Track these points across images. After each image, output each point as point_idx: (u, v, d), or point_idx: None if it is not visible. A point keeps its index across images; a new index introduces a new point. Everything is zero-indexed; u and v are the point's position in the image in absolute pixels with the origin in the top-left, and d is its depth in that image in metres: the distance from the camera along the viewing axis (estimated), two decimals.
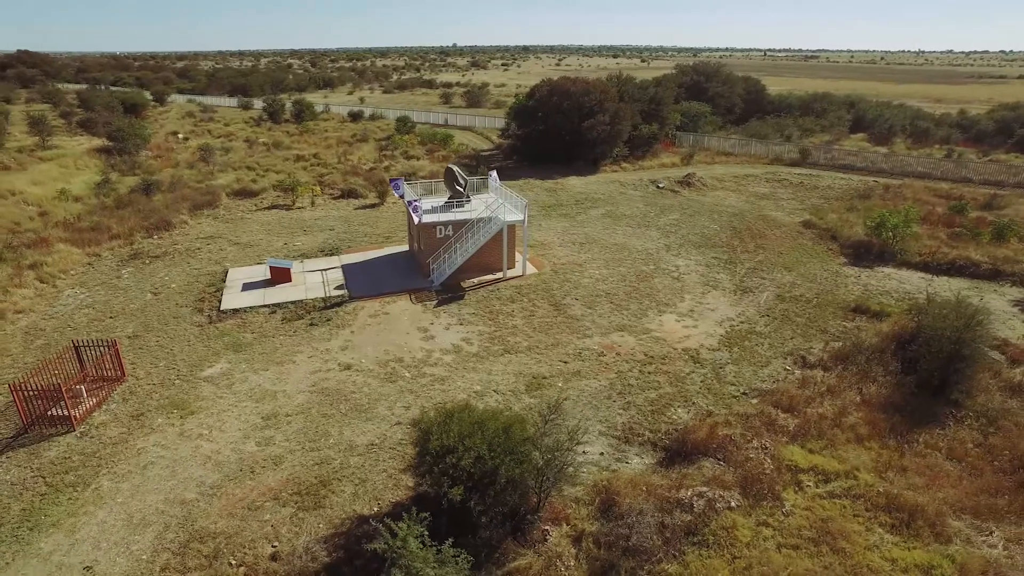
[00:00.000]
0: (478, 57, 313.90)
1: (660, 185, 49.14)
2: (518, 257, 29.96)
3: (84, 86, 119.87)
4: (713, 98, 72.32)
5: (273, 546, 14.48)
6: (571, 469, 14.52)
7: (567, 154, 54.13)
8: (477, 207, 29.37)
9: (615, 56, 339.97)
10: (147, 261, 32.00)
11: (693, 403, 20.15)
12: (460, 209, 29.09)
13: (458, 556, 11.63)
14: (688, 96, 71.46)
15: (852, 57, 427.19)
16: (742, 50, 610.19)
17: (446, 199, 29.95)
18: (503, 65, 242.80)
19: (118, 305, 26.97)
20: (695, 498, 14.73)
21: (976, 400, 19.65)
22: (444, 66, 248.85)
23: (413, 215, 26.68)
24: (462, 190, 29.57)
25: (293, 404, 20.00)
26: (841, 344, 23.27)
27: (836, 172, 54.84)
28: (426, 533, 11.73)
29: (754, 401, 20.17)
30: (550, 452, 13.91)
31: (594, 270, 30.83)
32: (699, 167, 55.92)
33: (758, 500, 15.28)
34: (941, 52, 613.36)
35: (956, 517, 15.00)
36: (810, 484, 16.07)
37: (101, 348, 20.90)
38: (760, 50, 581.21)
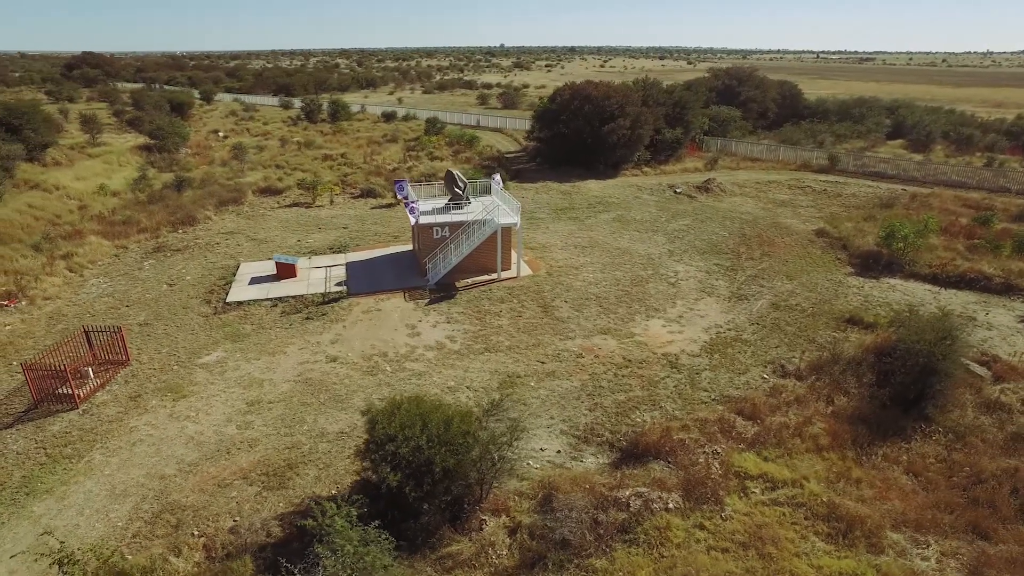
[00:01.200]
0: (523, 58, 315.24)
1: (677, 190, 49.05)
2: (515, 258, 30.64)
3: (140, 85, 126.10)
4: (745, 102, 71.38)
5: (234, 520, 15.63)
6: (509, 464, 15.18)
7: (587, 158, 54.47)
8: (475, 209, 30.19)
9: (661, 58, 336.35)
10: (168, 254, 34.01)
11: (660, 407, 20.50)
12: (458, 211, 29.98)
13: (381, 537, 12.45)
14: (719, 100, 70.74)
15: (911, 59, 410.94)
16: (794, 52, 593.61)
17: (447, 201, 30.88)
18: (547, 67, 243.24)
19: (135, 294, 28.88)
20: (633, 497, 15.19)
21: (949, 416, 19.43)
22: (488, 67, 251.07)
23: (410, 216, 27.69)
24: (461, 192, 30.45)
25: (277, 392, 21.24)
26: (819, 354, 23.17)
27: (864, 180, 53.52)
28: (354, 514, 12.59)
29: (721, 408, 20.39)
30: (484, 446, 14.59)
31: (589, 273, 31.28)
32: (722, 172, 55.45)
33: (699, 503, 15.62)
34: (1013, 53, 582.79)
35: (896, 530, 15.04)
36: (756, 491, 16.30)
37: (108, 334, 22.58)
38: (813, 52, 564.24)
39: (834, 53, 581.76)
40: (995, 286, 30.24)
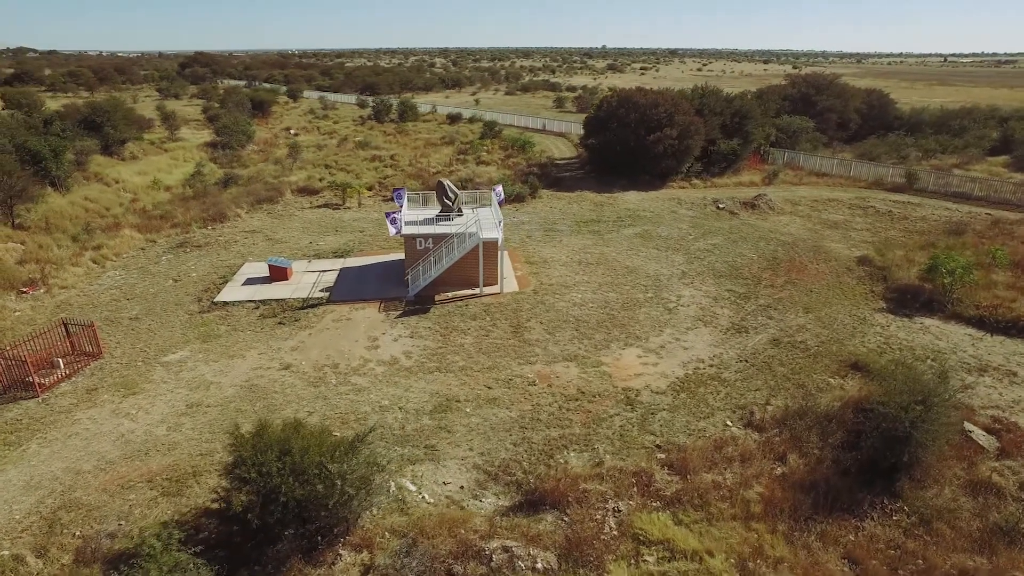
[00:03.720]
0: (619, 60, 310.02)
1: (720, 206, 46.03)
2: (503, 273, 29.67)
3: (242, 83, 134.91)
4: (822, 112, 66.04)
5: (119, 524, 15.87)
6: (360, 501, 14.44)
7: (632, 167, 52.29)
8: (464, 221, 29.49)
9: (765, 62, 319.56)
10: (188, 250, 35.76)
11: (591, 449, 18.99)
12: (445, 223, 29.42)
13: (196, 564, 12.12)
14: (792, 110, 65.89)
15: None
16: (918, 55, 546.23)
17: (438, 212, 30.41)
18: (641, 69, 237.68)
19: (140, 288, 30.50)
20: (498, 551, 14.02)
21: (922, 493, 16.68)
22: (581, 69, 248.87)
23: (390, 227, 27.45)
24: (451, 204, 29.86)
25: (219, 396, 21.58)
26: (791, 403, 20.67)
27: (944, 201, 47.89)
28: (176, 538, 12.33)
29: (661, 456, 18.60)
30: (335, 481, 13.91)
31: (579, 293, 29.77)
32: (780, 188, 51.56)
33: (577, 567, 14.21)
34: None
35: None
36: (650, 559, 14.62)
37: (83, 327, 23.86)
38: (940, 55, 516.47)
39: (966, 56, 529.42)
40: None
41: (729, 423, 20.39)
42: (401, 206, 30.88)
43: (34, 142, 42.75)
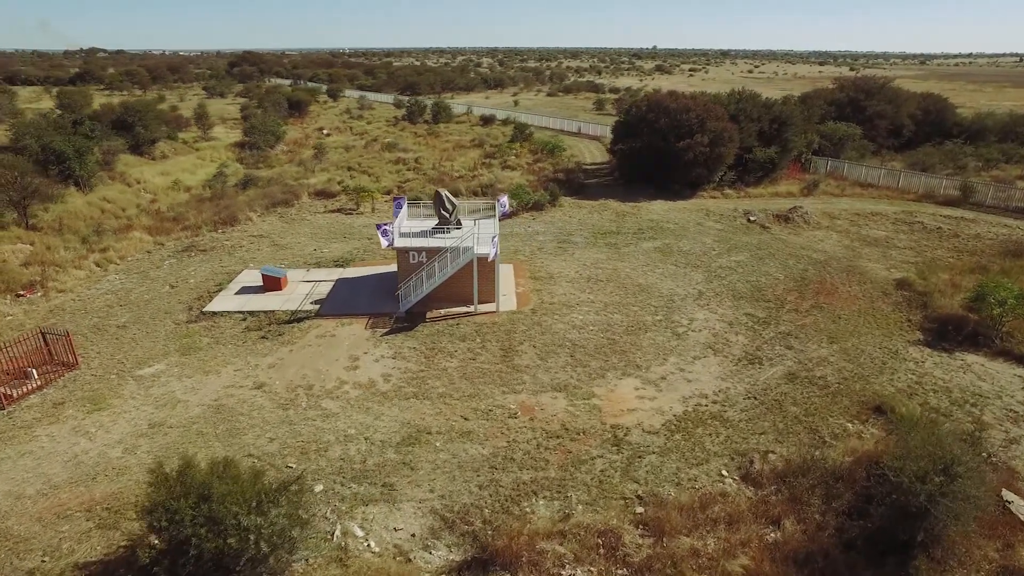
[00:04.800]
0: (669, 61, 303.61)
1: (751, 218, 43.23)
2: (499, 290, 28.02)
3: (288, 81, 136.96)
4: (871, 118, 61.92)
5: (42, 560, 14.96)
6: (279, 559, 13.02)
7: (661, 175, 49.86)
8: (462, 235, 27.95)
9: (822, 63, 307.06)
10: (193, 254, 35.35)
11: (564, 497, 17.17)
12: (441, 235, 27.94)
13: None
14: (839, 115, 62.01)
15: None
16: (990, 55, 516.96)
17: (435, 224, 28.97)
18: (690, 71, 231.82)
19: (136, 295, 30.08)
20: None
21: None
22: (629, 69, 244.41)
23: (382, 239, 26.14)
24: (448, 215, 28.37)
25: (184, 416, 20.63)
26: (796, 454, 18.34)
27: (1003, 217, 43.83)
28: None
29: (640, 509, 16.65)
30: (247, 534, 12.53)
31: (582, 314, 27.84)
32: (820, 199, 48.29)
33: None
34: None
35: None
36: None
37: (59, 337, 23.34)
38: (1017, 54, 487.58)
39: None
40: None
41: (724, 472, 18.24)
42: (398, 216, 29.50)
43: (59, 142, 43.35)
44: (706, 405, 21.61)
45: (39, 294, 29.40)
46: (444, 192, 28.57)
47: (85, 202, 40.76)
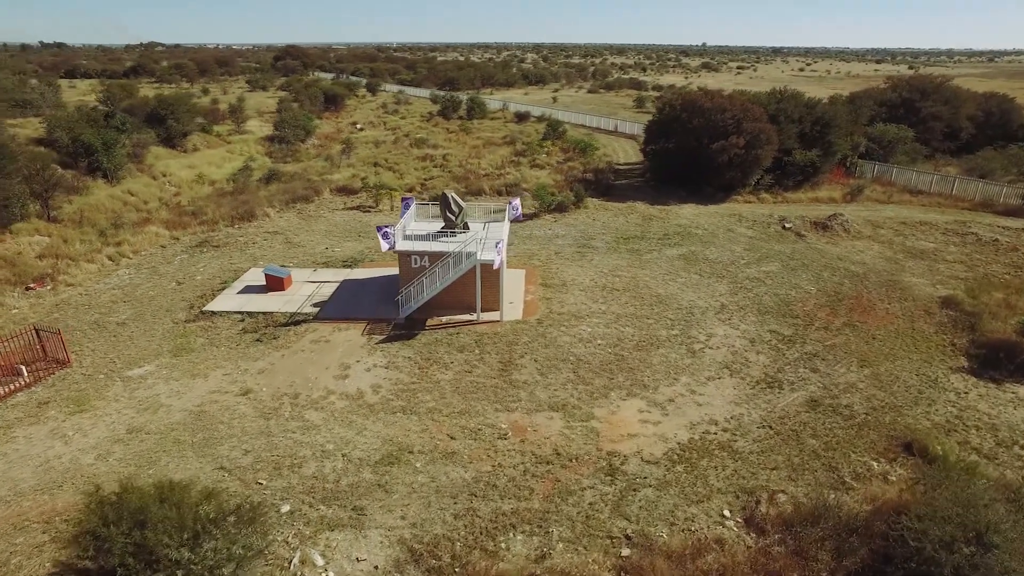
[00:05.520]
0: (717, 58, 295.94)
1: (787, 225, 40.72)
2: (515, 297, 26.65)
3: (331, 75, 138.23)
4: (926, 120, 58.06)
5: None
6: None
7: (694, 178, 47.66)
8: (467, 239, 26.66)
9: (878, 62, 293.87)
10: (206, 250, 35.07)
11: (545, 532, 15.75)
12: (445, 239, 26.71)
13: None
14: (889, 116, 58.35)
15: None
16: None
17: (441, 227, 27.77)
18: (738, 69, 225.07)
19: (142, 291, 29.83)
20: None
21: None
22: (675, 67, 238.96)
23: (382, 242, 25.08)
24: (454, 218, 27.12)
25: (165, 422, 19.97)
26: (808, 496, 16.44)
27: None
28: None
29: (625, 552, 15.10)
30: (175, 570, 11.53)
31: (591, 326, 26.23)
32: (864, 206, 45.35)
33: None
34: None
35: None
36: None
37: (52, 335, 23.04)
38: None
39: None
40: None
41: (727, 513, 16.51)
42: (404, 217, 28.44)
43: (88, 135, 43.86)
44: (715, 433, 19.84)
45: (48, 287, 29.42)
46: (451, 193, 27.35)
47: (108, 195, 41.07)
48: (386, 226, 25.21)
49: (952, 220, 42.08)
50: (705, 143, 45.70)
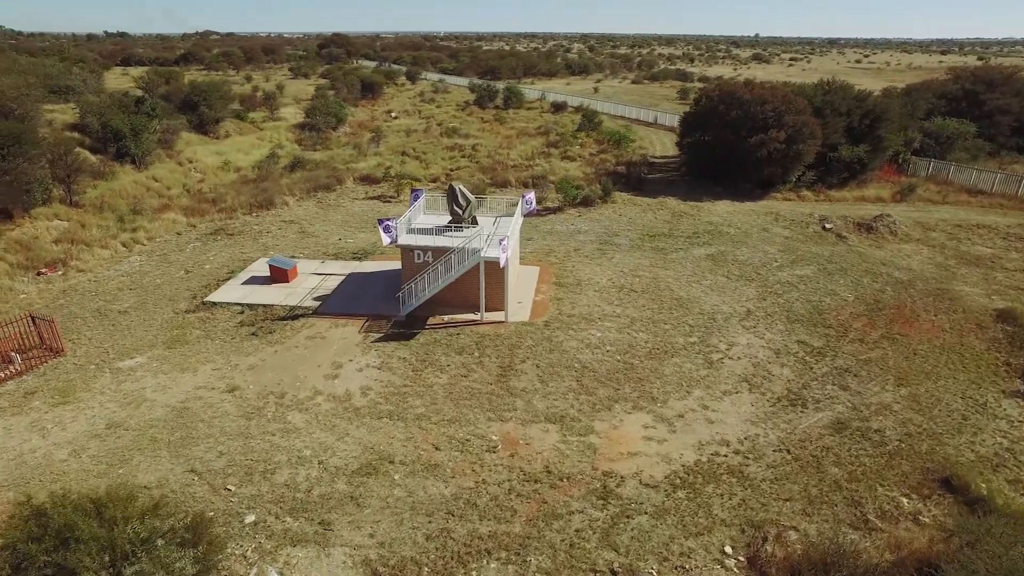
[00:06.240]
0: (769, 50, 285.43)
1: (827, 226, 37.99)
2: (525, 296, 25.22)
3: (374, 63, 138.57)
4: (991, 114, 53.77)
5: None
6: None
7: (731, 173, 45.12)
8: (474, 234, 25.29)
9: (943, 53, 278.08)
10: (219, 238, 34.68)
11: (523, 562, 14.35)
12: (450, 234, 25.39)
13: None
14: (950, 110, 54.25)
15: None
16: None
17: (448, 221, 26.46)
18: (791, 60, 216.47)
19: (149, 279, 29.52)
20: None
21: None
22: (725, 58, 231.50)
23: (384, 236, 23.95)
24: (461, 212, 25.77)
25: (145, 417, 19.32)
26: (822, 540, 14.53)
27: None
28: None
29: None
30: None
31: (600, 331, 24.56)
32: (915, 206, 42.11)
33: None
34: None
35: None
36: None
37: (46, 323, 22.72)
38: None
39: None
40: None
41: (728, 550, 14.81)
42: (412, 209, 27.25)
43: (117, 120, 44.16)
44: (725, 455, 18.06)
45: (59, 273, 29.38)
46: (459, 186, 25.99)
47: (132, 180, 41.23)
48: (388, 219, 24.06)
49: (1015, 224, 38.58)
50: (743, 136, 43.09)
